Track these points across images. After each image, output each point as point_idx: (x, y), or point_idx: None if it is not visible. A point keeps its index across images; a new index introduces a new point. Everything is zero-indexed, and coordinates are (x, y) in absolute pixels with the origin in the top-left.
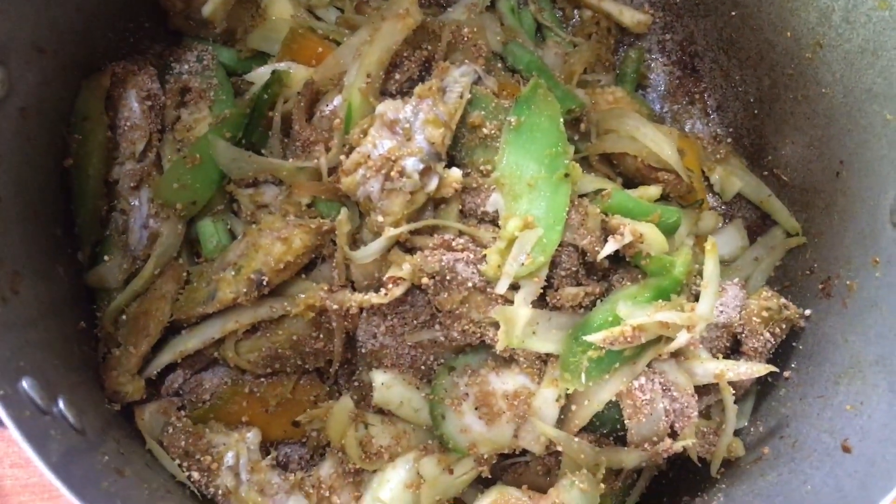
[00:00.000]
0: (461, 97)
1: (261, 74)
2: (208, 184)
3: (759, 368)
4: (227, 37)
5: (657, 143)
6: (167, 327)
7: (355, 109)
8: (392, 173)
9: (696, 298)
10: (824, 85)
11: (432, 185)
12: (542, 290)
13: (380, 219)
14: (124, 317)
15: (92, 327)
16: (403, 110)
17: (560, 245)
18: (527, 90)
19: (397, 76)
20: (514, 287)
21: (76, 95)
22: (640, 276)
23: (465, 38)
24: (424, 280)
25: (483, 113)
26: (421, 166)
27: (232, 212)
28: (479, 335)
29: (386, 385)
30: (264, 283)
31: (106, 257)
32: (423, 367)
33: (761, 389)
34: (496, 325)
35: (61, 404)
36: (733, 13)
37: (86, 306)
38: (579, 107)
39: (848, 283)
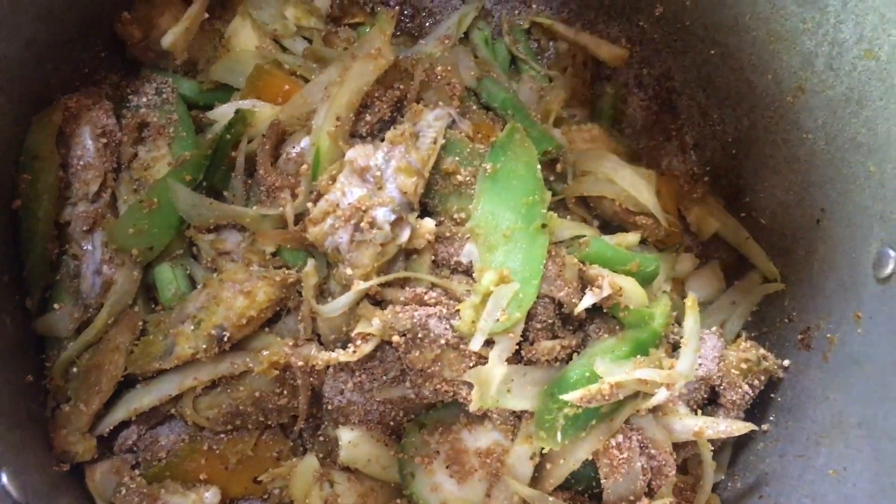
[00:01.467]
0: (434, 142)
1: (223, 113)
2: (166, 229)
3: (740, 426)
4: (188, 67)
5: (635, 186)
6: (121, 381)
7: (324, 154)
8: (362, 224)
9: (675, 347)
10: (806, 130)
11: (404, 236)
12: (517, 344)
13: (349, 271)
14: (75, 369)
15: (40, 379)
16: (374, 157)
17: (537, 297)
18: (503, 136)
19: (368, 117)
20: (489, 342)
21: (26, 132)
22: (617, 326)
23: (439, 77)
24: (395, 338)
25: (457, 159)
26: (392, 217)
27: (192, 256)
28: (451, 394)
29: (353, 443)
30: (225, 338)
31: (56, 305)
32: (391, 424)
33: (739, 441)
34: (469, 384)
35: (4, 478)
36: (712, 51)
37: (33, 357)
38: (556, 149)
39: (828, 336)
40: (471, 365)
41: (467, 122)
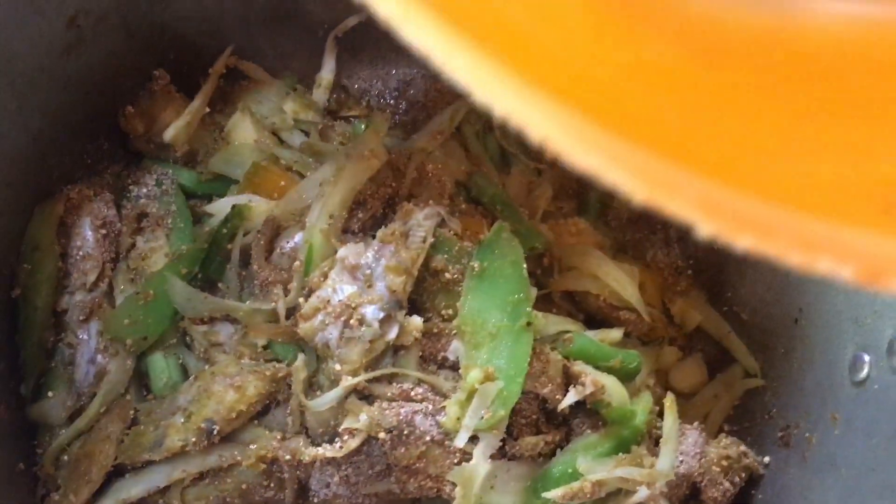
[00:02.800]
0: (424, 241)
1: (220, 207)
2: (161, 319)
3: None
4: (188, 159)
5: (619, 282)
6: (110, 470)
7: (316, 251)
8: (352, 321)
9: (657, 442)
10: None
11: (392, 333)
12: (501, 439)
13: (337, 367)
14: (66, 457)
15: (31, 466)
16: (365, 255)
17: (521, 393)
18: (490, 235)
19: (360, 214)
20: (474, 438)
21: (27, 222)
22: (600, 422)
23: (430, 175)
24: (381, 435)
25: (446, 257)
26: (381, 315)
27: (185, 345)
28: (436, 490)
29: None
30: (215, 432)
31: (50, 392)
32: None
33: None
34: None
35: None
36: None
37: (25, 444)
38: (543, 245)
39: (807, 435)
40: (455, 462)
41: (456, 220)
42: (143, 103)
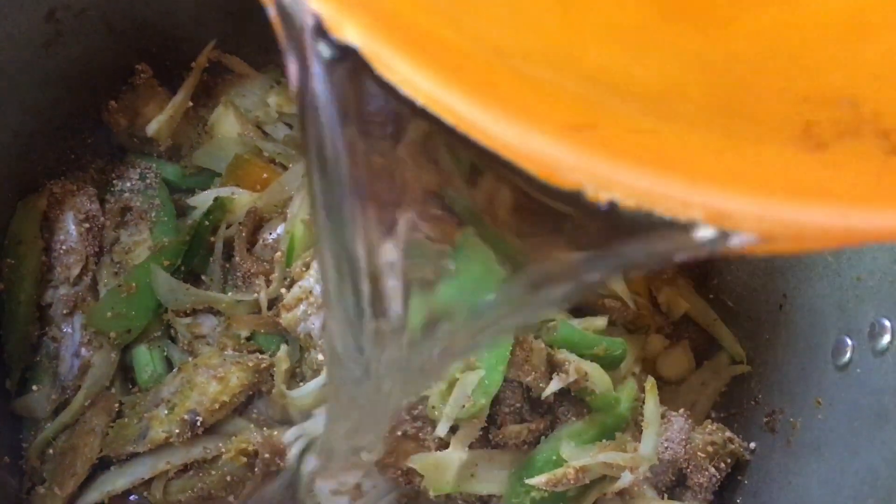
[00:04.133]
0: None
1: (203, 200)
2: (144, 312)
3: None
4: (171, 153)
5: None
6: (95, 463)
7: (298, 241)
8: None
9: (642, 430)
10: None
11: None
12: (485, 427)
13: (320, 357)
14: (51, 451)
15: (16, 459)
16: None
17: (504, 381)
18: (462, 239)
19: None
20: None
21: (10, 218)
22: (585, 409)
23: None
24: None
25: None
26: None
27: (169, 338)
28: (407, 482)
29: None
30: (198, 423)
31: (35, 386)
32: None
33: None
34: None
35: None
36: None
37: (9, 437)
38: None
39: (792, 420)
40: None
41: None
42: (125, 98)
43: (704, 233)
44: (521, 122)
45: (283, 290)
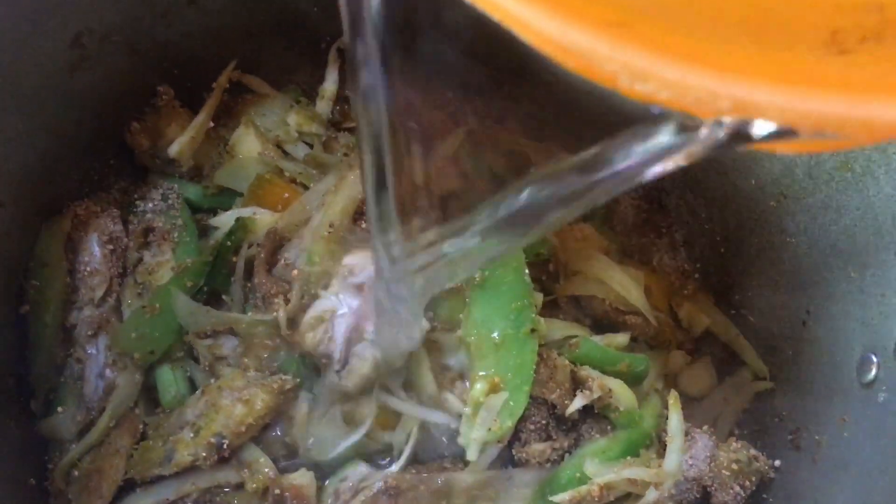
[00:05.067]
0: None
1: (225, 220)
2: (168, 333)
3: None
4: (193, 173)
5: (624, 286)
6: (120, 485)
7: (316, 260)
8: (356, 334)
9: (666, 447)
10: (789, 234)
11: None
12: (507, 444)
13: (345, 382)
14: (76, 472)
15: (42, 481)
16: (367, 269)
17: (529, 399)
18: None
19: (364, 224)
20: None
21: (35, 240)
22: (609, 427)
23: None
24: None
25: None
26: None
27: (192, 358)
28: None
29: None
30: (224, 446)
31: (60, 408)
32: None
33: None
34: None
35: None
36: None
37: (36, 460)
38: (548, 251)
39: (817, 438)
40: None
41: None
42: (148, 119)
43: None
44: (561, 17)
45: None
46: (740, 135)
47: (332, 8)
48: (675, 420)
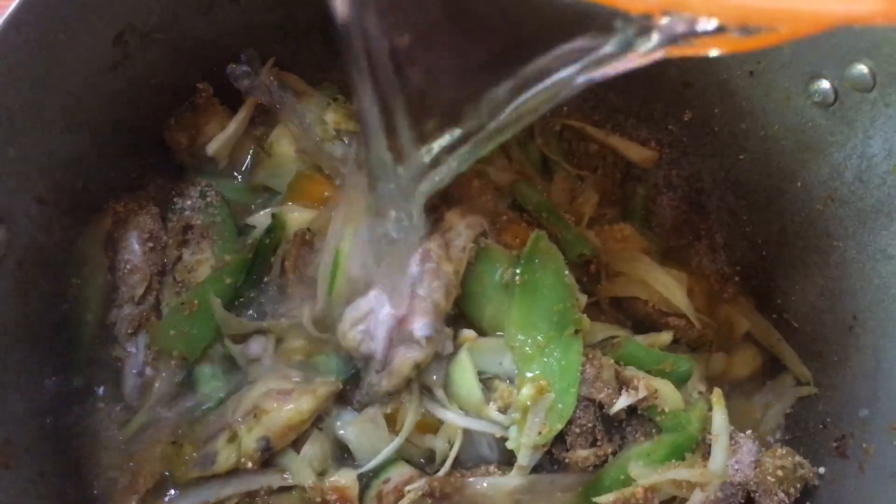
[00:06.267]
0: (464, 250)
1: (261, 219)
2: (207, 331)
3: None
4: (231, 170)
5: (668, 288)
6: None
7: (345, 260)
8: (398, 336)
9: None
10: (836, 238)
11: (446, 348)
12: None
13: (384, 382)
14: (113, 469)
15: (79, 477)
16: (408, 267)
17: (576, 401)
18: (529, 246)
19: None
20: None
21: (76, 239)
22: (653, 429)
23: (473, 187)
24: None
25: (492, 268)
26: (429, 331)
27: (230, 356)
28: None
29: None
30: (269, 448)
31: (99, 405)
32: None
33: None
34: None
35: None
36: (741, 156)
37: (72, 455)
38: (591, 251)
39: (864, 445)
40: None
41: (495, 232)
42: (186, 117)
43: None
44: None
45: (340, 312)
46: (671, 36)
47: None
48: (720, 418)
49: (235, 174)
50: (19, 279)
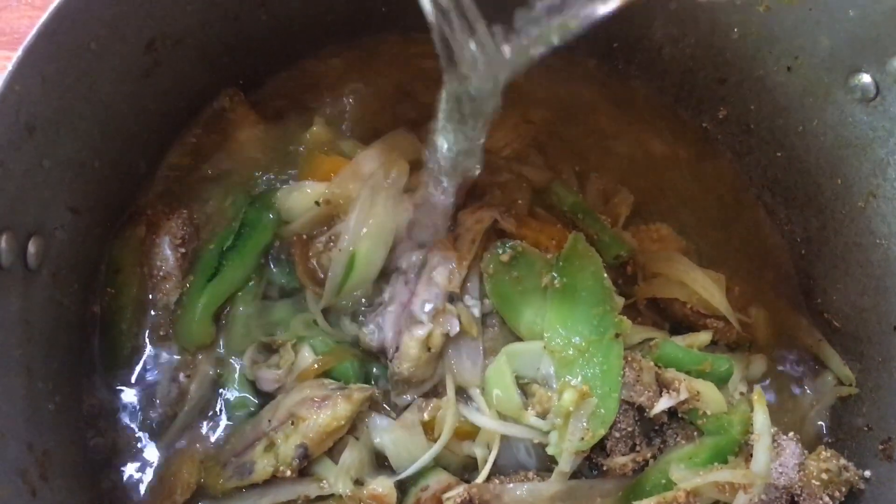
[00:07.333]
0: (473, 242)
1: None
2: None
3: None
4: (262, 169)
5: (707, 289)
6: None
7: (361, 258)
8: (401, 321)
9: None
10: (879, 236)
11: (453, 327)
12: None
13: (405, 365)
14: (148, 476)
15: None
16: (412, 257)
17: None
18: (567, 248)
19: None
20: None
21: (109, 248)
22: (694, 433)
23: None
24: None
25: (529, 272)
26: (429, 308)
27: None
28: None
29: None
30: (307, 455)
31: (135, 411)
32: None
33: None
34: None
35: None
36: (778, 154)
37: (106, 463)
38: (628, 252)
39: None
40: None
41: (511, 219)
42: (215, 120)
43: None
44: None
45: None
46: None
47: (398, 8)
48: (762, 418)
49: (266, 173)
50: (53, 291)
